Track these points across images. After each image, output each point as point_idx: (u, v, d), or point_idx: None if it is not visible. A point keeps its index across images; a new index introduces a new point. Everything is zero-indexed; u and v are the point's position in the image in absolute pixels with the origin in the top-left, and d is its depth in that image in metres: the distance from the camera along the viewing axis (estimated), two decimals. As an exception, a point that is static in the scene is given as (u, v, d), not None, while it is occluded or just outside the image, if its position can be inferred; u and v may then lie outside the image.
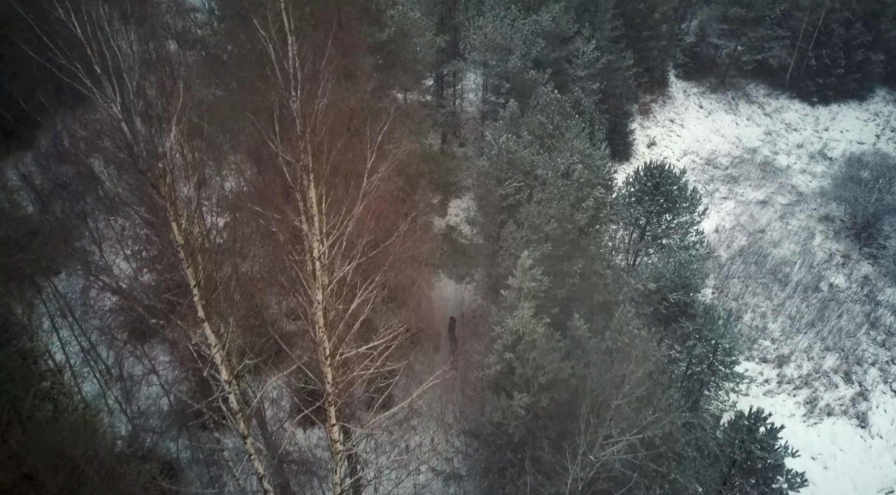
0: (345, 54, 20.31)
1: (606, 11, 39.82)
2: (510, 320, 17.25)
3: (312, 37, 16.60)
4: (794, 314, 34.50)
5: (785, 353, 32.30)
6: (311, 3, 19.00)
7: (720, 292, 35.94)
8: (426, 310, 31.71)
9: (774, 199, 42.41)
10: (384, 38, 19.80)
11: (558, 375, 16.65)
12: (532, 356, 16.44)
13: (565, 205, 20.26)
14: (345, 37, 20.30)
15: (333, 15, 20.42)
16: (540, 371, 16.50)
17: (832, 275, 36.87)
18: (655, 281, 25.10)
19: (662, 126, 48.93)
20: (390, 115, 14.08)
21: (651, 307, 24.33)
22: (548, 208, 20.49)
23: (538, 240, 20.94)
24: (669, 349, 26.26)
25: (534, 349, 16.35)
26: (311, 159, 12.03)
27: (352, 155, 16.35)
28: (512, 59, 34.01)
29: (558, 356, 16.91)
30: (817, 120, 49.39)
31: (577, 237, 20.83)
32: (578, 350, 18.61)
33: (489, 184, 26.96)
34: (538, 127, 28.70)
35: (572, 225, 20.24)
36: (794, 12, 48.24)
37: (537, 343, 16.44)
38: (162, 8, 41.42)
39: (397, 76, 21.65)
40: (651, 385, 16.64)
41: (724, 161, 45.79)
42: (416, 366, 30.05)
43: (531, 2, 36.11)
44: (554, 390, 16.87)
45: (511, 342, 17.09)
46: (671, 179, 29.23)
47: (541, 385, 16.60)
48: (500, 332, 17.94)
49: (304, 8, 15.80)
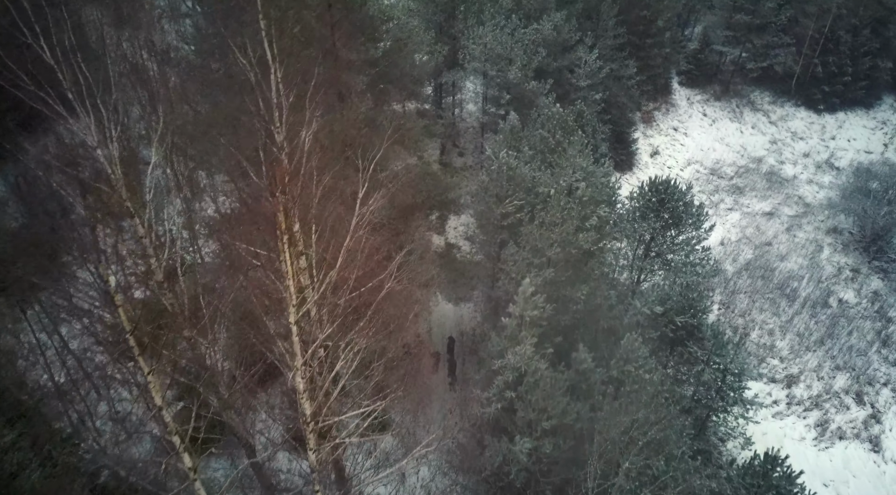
0: (338, 72, 19.43)
1: (609, 19, 38.94)
2: (511, 356, 16.35)
3: (302, 58, 15.71)
4: (802, 331, 33.57)
5: (794, 373, 31.37)
6: (301, 21, 18.13)
7: (726, 308, 35.01)
8: (423, 327, 30.80)
9: (781, 211, 41.48)
10: (378, 55, 18.91)
11: (563, 420, 15.76)
12: (534, 398, 15.55)
13: (569, 228, 19.35)
14: (339, 54, 19.43)
15: (326, 31, 19.54)
16: (543, 414, 15.61)
17: (841, 290, 35.94)
18: (662, 303, 24.20)
19: (666, 134, 48.02)
20: (384, 144, 13.16)
21: (657, 331, 23.43)
22: (550, 231, 19.58)
23: (540, 264, 20.04)
24: (676, 373, 25.38)
25: (536, 390, 15.46)
26: (288, 220, 11.00)
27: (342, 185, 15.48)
28: (512, 70, 33.12)
29: (563, 399, 15.96)
30: (824, 128, 48.48)
31: (582, 261, 19.91)
32: (583, 384, 17.70)
33: (489, 201, 26.05)
34: (539, 141, 27.80)
35: (576, 249, 19.33)
36: (800, 19, 47.36)
37: (540, 383, 15.54)
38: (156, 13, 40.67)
39: (392, 93, 20.75)
40: (664, 427, 15.71)
41: (729, 171, 44.88)
42: (415, 389, 29.15)
43: (532, 10, 35.22)
44: (559, 435, 15.98)
45: (512, 380, 16.20)
46: (677, 195, 28.33)
47: (544, 430, 15.71)
48: (501, 367, 17.04)
49: (293, 28, 14.96)
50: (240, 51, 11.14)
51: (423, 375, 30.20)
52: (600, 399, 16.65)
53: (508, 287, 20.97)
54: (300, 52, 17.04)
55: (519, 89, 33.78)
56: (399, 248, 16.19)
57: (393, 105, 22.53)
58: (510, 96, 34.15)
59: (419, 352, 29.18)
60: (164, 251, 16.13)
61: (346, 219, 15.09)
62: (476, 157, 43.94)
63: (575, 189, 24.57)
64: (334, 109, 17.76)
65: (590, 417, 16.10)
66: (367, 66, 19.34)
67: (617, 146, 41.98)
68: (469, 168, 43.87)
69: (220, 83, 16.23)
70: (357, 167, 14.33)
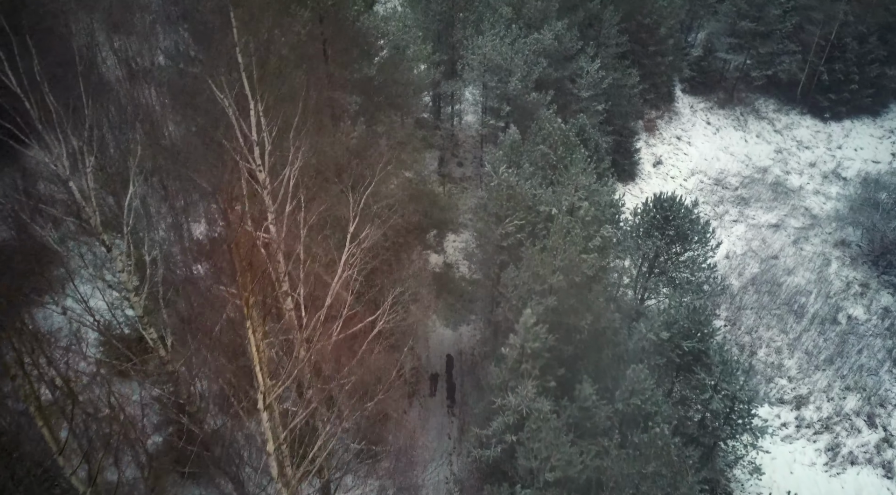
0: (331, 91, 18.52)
1: (612, 27, 38.05)
2: (512, 397, 15.45)
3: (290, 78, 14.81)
4: (811, 349, 32.63)
5: (803, 393, 30.44)
6: (290, 39, 17.23)
7: (732, 325, 34.08)
8: (421, 348, 29.88)
9: (787, 223, 40.55)
10: (373, 73, 18.03)
11: (567, 472, 14.84)
12: (537, 445, 14.65)
13: (572, 254, 18.43)
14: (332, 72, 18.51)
15: (317, 48, 18.63)
16: (546, 464, 14.70)
17: (850, 306, 35.00)
18: (668, 328, 23.25)
19: (669, 143, 47.11)
20: (376, 174, 12.27)
21: (664, 358, 22.50)
22: (552, 257, 18.67)
23: (542, 291, 19.12)
24: (682, 398, 24.47)
25: (539, 436, 14.55)
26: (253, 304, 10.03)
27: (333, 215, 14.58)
28: (512, 81, 32.22)
29: (567, 449, 14.97)
30: (830, 137, 47.55)
31: (585, 287, 18.99)
32: (588, 422, 16.78)
33: (488, 220, 25.15)
34: (540, 157, 26.89)
35: (580, 277, 18.41)
36: (806, 26, 46.44)
37: (543, 430, 14.62)
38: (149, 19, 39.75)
39: (388, 112, 19.86)
40: (676, 484, 14.76)
41: (734, 181, 43.95)
42: (413, 412, 28.26)
43: (533, 19, 34.32)
44: (563, 487, 15.04)
45: (513, 422, 15.31)
46: (683, 211, 27.45)
47: (547, 481, 14.80)
48: (501, 406, 16.13)
49: (281, 49, 14.08)
50: (217, 85, 10.20)
51: (421, 396, 29.37)
52: (607, 443, 15.72)
53: (508, 313, 20.05)
54: (289, 72, 16.16)
55: (519, 101, 32.90)
56: (393, 282, 15.27)
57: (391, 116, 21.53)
58: (510, 108, 33.26)
59: (416, 375, 28.25)
60: (145, 285, 15.25)
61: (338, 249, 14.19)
62: (475, 168, 43.05)
63: (577, 208, 23.67)
64: (327, 132, 16.88)
65: (596, 467, 15.17)
66: (362, 83, 18.44)
67: (619, 156, 41.09)
68: (468, 178, 42.99)
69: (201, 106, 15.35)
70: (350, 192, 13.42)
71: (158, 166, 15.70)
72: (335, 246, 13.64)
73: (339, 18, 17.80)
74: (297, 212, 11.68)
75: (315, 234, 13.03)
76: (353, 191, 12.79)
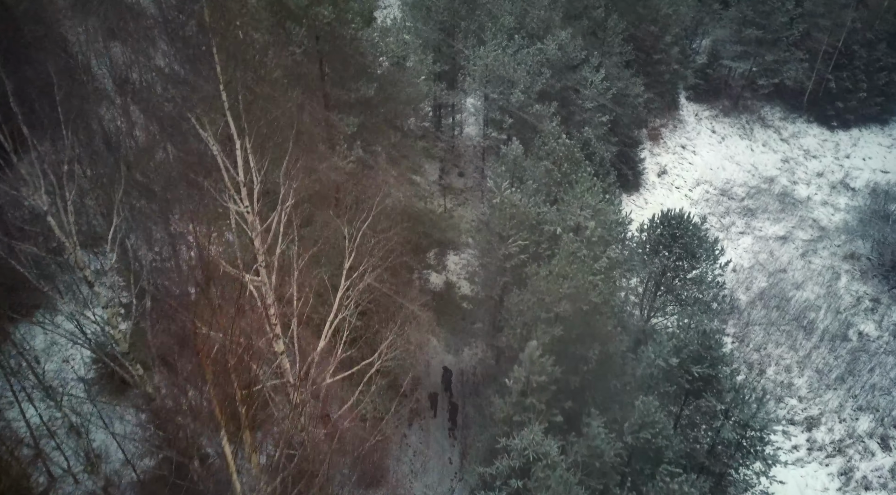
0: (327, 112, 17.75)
1: (616, 36, 37.25)
2: (517, 440, 14.68)
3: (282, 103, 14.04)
4: (821, 367, 31.84)
5: (814, 414, 29.63)
6: (290, 56, 16.46)
7: (740, 342, 33.29)
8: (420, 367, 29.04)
9: (795, 235, 39.75)
10: (371, 93, 17.28)
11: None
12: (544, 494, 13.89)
13: (579, 281, 17.65)
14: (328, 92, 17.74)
15: (313, 67, 17.86)
16: (553, 515, 13.95)
17: (861, 322, 34.20)
18: (677, 353, 22.46)
19: (673, 152, 46.32)
20: (372, 209, 11.50)
21: (673, 385, 21.70)
22: (558, 285, 17.89)
23: (548, 319, 18.34)
24: (691, 425, 23.68)
25: (547, 485, 13.74)
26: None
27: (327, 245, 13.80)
28: (515, 93, 31.45)
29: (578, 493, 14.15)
30: (837, 146, 46.73)
31: (592, 315, 18.21)
32: (597, 461, 15.99)
33: (491, 239, 24.40)
34: (545, 173, 26.13)
35: (587, 305, 17.63)
36: (813, 33, 45.62)
37: (551, 479, 13.81)
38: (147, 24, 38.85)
39: (386, 133, 19.08)
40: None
41: (740, 191, 43.16)
42: (412, 436, 27.48)
43: (536, 29, 33.55)
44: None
45: (518, 467, 14.55)
46: (690, 230, 26.68)
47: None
48: (506, 446, 15.35)
49: (272, 73, 13.32)
50: (200, 123, 9.41)
51: (421, 418, 28.57)
52: (616, 492, 14.92)
53: (512, 341, 19.26)
54: (282, 93, 15.39)
55: (522, 113, 32.12)
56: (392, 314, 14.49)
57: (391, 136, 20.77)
58: (512, 120, 32.49)
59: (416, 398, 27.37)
60: (129, 320, 14.49)
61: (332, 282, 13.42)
62: (477, 178, 42.29)
63: (584, 228, 22.90)
64: (322, 157, 16.12)
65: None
66: (360, 104, 17.68)
67: (623, 166, 40.34)
68: (470, 189, 42.21)
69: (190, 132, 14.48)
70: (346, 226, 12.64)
71: (135, 207, 14.80)
72: (329, 279, 12.87)
73: (337, 36, 17.03)
74: (289, 249, 10.92)
75: (308, 272, 12.29)
76: (350, 224, 12.01)
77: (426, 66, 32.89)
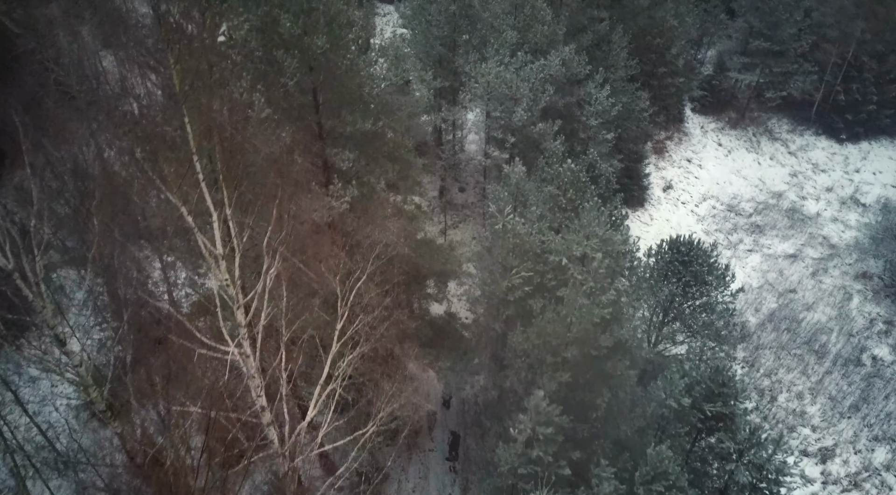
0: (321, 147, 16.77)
1: (621, 50, 36.27)
2: (523, 507, 13.74)
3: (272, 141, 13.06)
4: (834, 394, 30.82)
5: (828, 445, 28.61)
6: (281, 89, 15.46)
7: (750, 366, 32.29)
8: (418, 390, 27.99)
9: (805, 253, 38.74)
10: (368, 127, 16.29)
11: None
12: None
13: (587, 325, 16.67)
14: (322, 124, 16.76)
15: (308, 99, 16.87)
16: None
17: (875, 346, 33.18)
18: (688, 391, 21.46)
19: (679, 166, 45.34)
20: (365, 271, 10.52)
21: (686, 426, 20.69)
22: (566, 329, 16.90)
23: (554, 363, 17.35)
24: (702, 461, 22.68)
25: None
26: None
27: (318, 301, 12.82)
28: (517, 111, 30.47)
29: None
30: (846, 159, 45.72)
31: (603, 360, 17.21)
32: (607, 523, 15.02)
33: (493, 269, 23.40)
34: (549, 198, 25.11)
35: (596, 351, 16.64)
36: (822, 44, 44.62)
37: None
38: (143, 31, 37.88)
39: (384, 165, 18.09)
40: None
41: (748, 207, 42.16)
42: (412, 467, 26.50)
43: (539, 44, 32.56)
44: None
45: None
46: (700, 257, 25.72)
47: None
48: (510, 509, 14.41)
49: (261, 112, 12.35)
50: (173, 192, 8.42)
51: (421, 451, 27.54)
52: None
53: (517, 385, 18.27)
54: (270, 134, 14.40)
55: (524, 131, 31.15)
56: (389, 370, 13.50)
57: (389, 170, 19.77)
58: (515, 139, 31.51)
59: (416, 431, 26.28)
60: (106, 381, 13.51)
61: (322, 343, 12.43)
62: (478, 194, 41.33)
63: (591, 260, 21.89)
64: (316, 197, 15.16)
65: None
66: (357, 137, 16.71)
67: (628, 181, 39.37)
68: (471, 205, 41.24)
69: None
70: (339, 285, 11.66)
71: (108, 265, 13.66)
72: (321, 337, 11.91)
73: (332, 65, 16.05)
74: (275, 317, 9.95)
75: (298, 331, 11.31)
76: (342, 284, 11.04)
77: (427, 82, 31.94)
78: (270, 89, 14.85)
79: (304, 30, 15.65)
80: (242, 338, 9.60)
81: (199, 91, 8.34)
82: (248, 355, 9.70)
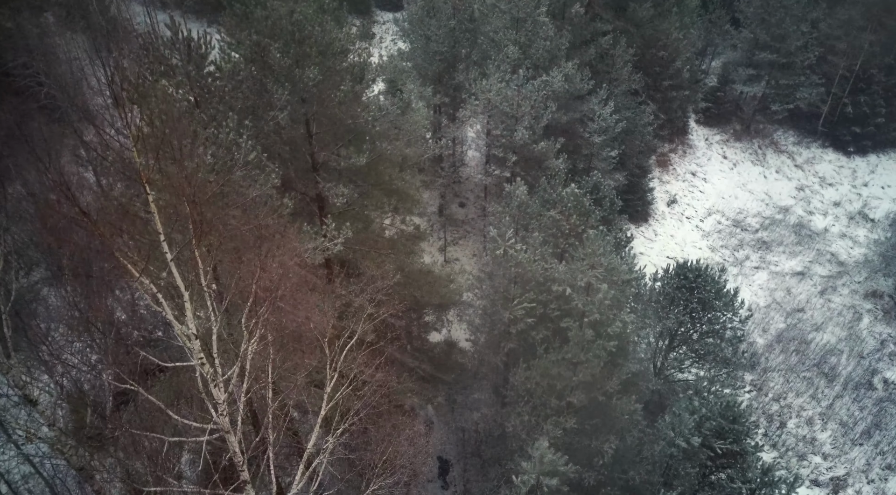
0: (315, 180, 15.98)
1: (624, 65, 35.50)
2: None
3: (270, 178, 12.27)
4: (846, 420, 29.97)
5: (840, 474, 27.77)
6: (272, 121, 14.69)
7: (758, 390, 31.45)
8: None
9: (812, 270, 37.91)
10: (362, 161, 15.53)
11: None
12: None
13: (594, 368, 15.87)
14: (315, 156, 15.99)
15: (298, 130, 16.10)
16: None
17: (886, 368, 32.33)
18: (698, 427, 20.65)
19: (683, 180, 44.54)
20: (356, 333, 9.73)
21: (696, 466, 19.87)
22: (571, 371, 16.10)
23: (559, 407, 16.55)
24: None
25: None
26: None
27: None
28: (519, 130, 29.70)
29: None
30: (854, 173, 44.90)
31: (610, 404, 16.41)
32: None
33: (495, 298, 22.61)
34: (552, 224, 24.35)
35: (603, 396, 15.84)
36: (829, 56, 43.83)
37: None
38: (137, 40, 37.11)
39: (379, 199, 17.34)
40: None
41: (754, 222, 41.34)
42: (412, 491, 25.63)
43: (541, 60, 31.79)
44: None
45: None
46: (708, 283, 24.91)
47: None
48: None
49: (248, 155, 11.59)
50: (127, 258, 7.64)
51: (419, 482, 26.64)
52: None
53: (520, 430, 17.46)
54: (259, 174, 13.63)
55: (526, 150, 30.39)
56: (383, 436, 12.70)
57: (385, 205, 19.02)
58: (516, 157, 30.73)
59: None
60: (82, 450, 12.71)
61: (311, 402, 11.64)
62: (478, 209, 40.56)
63: (595, 291, 21.11)
64: (308, 238, 14.40)
65: None
66: (351, 172, 15.97)
67: (631, 196, 38.58)
68: (471, 221, 40.48)
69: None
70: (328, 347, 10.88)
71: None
72: (309, 400, 11.14)
73: (324, 99, 15.29)
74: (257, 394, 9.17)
75: (285, 393, 10.54)
76: (331, 345, 10.26)
77: (426, 98, 31.16)
78: (260, 122, 14.09)
79: (295, 60, 14.90)
80: (221, 414, 8.83)
81: (166, 170, 7.59)
82: (229, 431, 8.96)
